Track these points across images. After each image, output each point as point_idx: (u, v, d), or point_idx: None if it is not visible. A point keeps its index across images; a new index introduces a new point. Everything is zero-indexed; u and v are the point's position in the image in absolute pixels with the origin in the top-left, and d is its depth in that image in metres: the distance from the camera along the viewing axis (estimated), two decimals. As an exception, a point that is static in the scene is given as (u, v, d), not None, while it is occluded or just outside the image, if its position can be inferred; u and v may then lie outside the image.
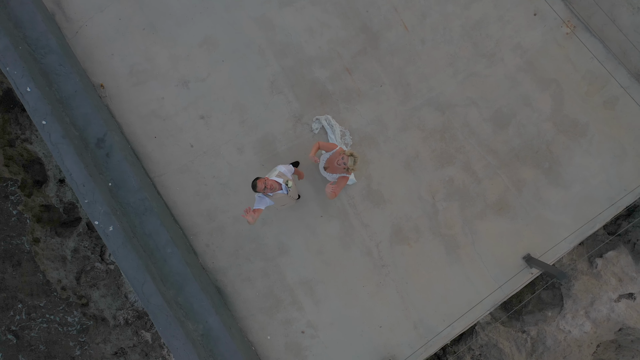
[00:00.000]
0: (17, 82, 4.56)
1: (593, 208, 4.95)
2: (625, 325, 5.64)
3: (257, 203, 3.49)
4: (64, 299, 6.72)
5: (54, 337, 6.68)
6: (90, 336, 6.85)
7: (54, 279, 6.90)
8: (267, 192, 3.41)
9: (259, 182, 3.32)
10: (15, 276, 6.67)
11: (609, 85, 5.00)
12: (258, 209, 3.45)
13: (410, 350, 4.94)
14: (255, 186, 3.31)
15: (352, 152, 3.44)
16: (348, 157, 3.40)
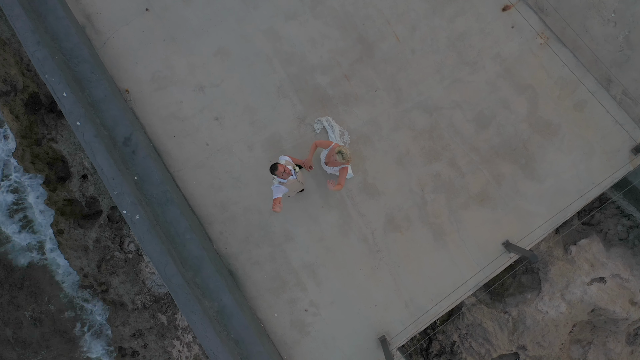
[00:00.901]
0: (55, 88, 5.17)
1: (564, 199, 5.55)
2: (597, 306, 6.23)
3: (276, 193, 4.01)
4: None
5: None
6: (110, 319, 7.46)
7: (76, 267, 7.51)
8: (285, 176, 3.95)
9: (280, 167, 3.84)
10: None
11: (578, 90, 5.61)
12: (278, 198, 3.99)
13: (402, 327, 5.53)
14: (276, 169, 3.82)
15: (340, 149, 4.01)
16: (338, 154, 3.97)
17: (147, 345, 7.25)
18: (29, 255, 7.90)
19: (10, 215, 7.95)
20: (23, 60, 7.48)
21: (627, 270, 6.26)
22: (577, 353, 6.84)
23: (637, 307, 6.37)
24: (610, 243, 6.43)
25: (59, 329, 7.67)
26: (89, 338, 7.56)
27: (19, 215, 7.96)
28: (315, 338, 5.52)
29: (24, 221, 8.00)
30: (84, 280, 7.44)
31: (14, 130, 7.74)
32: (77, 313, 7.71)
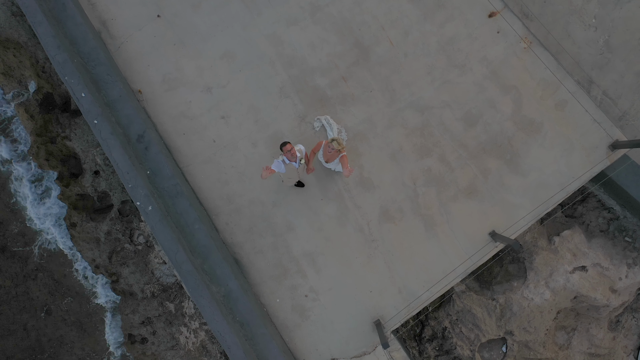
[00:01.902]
0: (74, 89, 5.60)
1: (546, 192, 5.96)
2: (579, 293, 6.63)
3: (274, 166, 4.33)
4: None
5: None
6: (120, 308, 7.85)
7: (88, 258, 7.91)
8: (289, 156, 4.30)
9: (289, 145, 4.21)
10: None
11: (559, 91, 6.03)
12: (272, 170, 4.26)
13: (395, 311, 5.93)
14: (284, 145, 4.19)
15: (332, 139, 4.41)
16: (331, 143, 4.38)
17: (155, 332, 7.65)
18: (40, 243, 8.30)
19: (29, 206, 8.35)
20: (39, 62, 7.89)
21: (607, 259, 6.67)
22: (562, 339, 7.24)
23: (617, 294, 6.77)
24: (592, 234, 6.84)
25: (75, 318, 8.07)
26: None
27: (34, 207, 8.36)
28: (315, 322, 5.92)
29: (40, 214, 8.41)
30: (96, 270, 7.85)
31: (29, 129, 8.15)
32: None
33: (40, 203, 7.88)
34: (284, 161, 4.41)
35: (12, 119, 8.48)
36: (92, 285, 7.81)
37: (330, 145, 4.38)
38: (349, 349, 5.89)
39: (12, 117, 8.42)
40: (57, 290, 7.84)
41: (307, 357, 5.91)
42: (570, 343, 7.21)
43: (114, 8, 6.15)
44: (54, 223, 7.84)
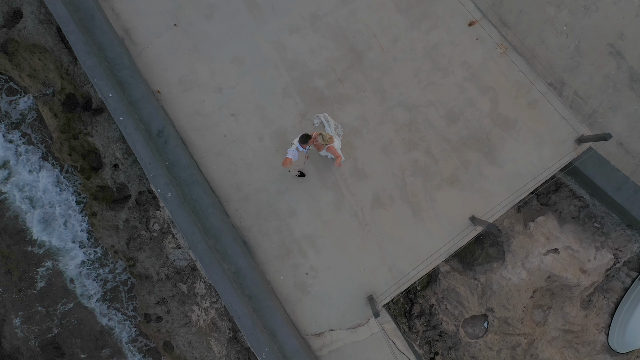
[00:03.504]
0: (102, 89, 6.36)
1: (520, 181, 6.71)
2: (552, 273, 7.36)
3: (290, 154, 5.11)
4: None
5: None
6: (137, 290, 8.60)
7: (107, 244, 8.66)
8: (307, 146, 5.06)
9: (314, 134, 5.09)
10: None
11: (532, 91, 6.78)
12: (290, 159, 5.08)
13: (386, 287, 6.67)
14: (309, 137, 5.01)
15: (319, 133, 5.19)
16: (317, 137, 5.18)
17: (169, 311, 8.38)
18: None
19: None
20: (63, 65, 8.64)
21: (577, 243, 7.40)
22: (539, 316, 7.97)
23: (586, 274, 7.50)
24: (564, 220, 7.57)
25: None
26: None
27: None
28: (314, 297, 6.66)
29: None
30: (115, 255, 8.59)
31: (52, 126, 8.91)
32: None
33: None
34: (297, 149, 5.18)
35: (34, 116, 9.25)
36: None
37: (316, 139, 5.16)
38: (345, 321, 6.62)
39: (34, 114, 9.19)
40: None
41: (308, 328, 6.65)
42: (546, 320, 7.94)
43: (136, 18, 6.91)
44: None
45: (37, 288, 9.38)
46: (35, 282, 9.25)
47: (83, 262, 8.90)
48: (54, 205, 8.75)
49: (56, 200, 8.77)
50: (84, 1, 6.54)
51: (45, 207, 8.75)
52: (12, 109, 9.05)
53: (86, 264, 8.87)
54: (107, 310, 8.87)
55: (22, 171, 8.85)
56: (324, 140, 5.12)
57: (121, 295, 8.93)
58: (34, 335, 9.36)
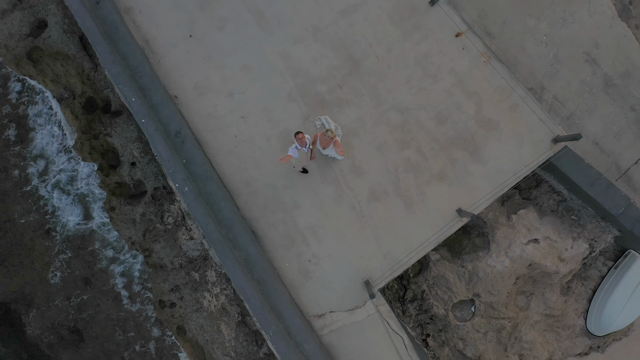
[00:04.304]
0: (126, 95, 7.08)
1: (502, 177, 7.42)
2: (532, 261, 8.06)
3: (290, 151, 5.72)
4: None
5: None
6: (152, 278, 9.32)
7: (125, 236, 9.38)
8: (300, 143, 5.66)
9: (301, 134, 5.57)
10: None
11: (512, 96, 7.50)
12: (290, 155, 5.69)
13: (381, 273, 7.38)
14: (298, 133, 5.57)
15: (327, 129, 5.84)
16: (326, 133, 5.84)
17: (182, 298, 9.08)
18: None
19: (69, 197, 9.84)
20: (84, 71, 9.37)
21: (555, 233, 8.11)
22: (522, 302, 8.67)
23: (564, 262, 8.21)
24: (544, 213, 8.28)
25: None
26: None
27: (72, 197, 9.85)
28: (316, 282, 7.37)
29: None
30: (131, 247, 9.31)
31: (74, 126, 9.63)
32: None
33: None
34: (297, 147, 5.87)
35: (58, 118, 9.99)
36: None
37: (326, 135, 5.86)
38: (344, 304, 7.33)
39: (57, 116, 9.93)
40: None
41: (310, 310, 7.36)
42: (529, 305, 8.65)
43: (155, 29, 7.63)
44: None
45: (57, 278, 10.11)
46: (56, 273, 9.98)
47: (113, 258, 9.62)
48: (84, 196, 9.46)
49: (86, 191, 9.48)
50: (109, 15, 7.27)
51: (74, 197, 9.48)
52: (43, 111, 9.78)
53: (114, 260, 9.59)
54: (127, 298, 9.59)
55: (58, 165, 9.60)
56: (332, 134, 5.77)
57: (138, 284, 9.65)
58: (55, 322, 10.08)
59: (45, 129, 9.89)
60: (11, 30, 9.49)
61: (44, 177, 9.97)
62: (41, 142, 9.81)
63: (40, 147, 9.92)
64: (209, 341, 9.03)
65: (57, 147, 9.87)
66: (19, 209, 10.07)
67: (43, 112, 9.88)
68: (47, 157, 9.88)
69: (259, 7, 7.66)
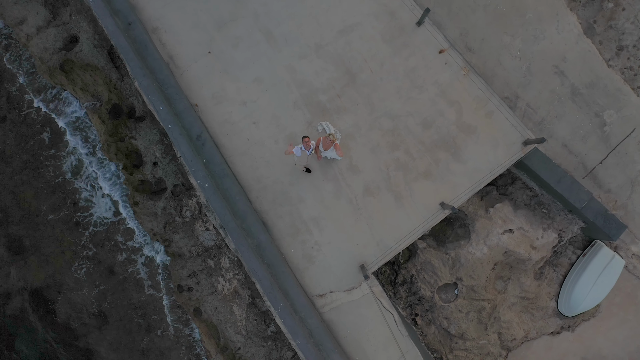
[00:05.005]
0: (154, 104, 8.23)
1: (479, 175, 8.55)
2: (508, 249, 9.18)
3: (295, 150, 6.81)
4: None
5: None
6: (172, 265, 10.45)
7: (147, 228, 10.51)
8: (305, 146, 6.80)
9: (307, 138, 6.66)
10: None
11: (489, 104, 8.63)
12: (292, 151, 6.76)
13: (374, 258, 8.49)
14: (304, 137, 6.63)
15: (329, 133, 6.97)
16: (328, 137, 6.96)
17: (199, 282, 10.21)
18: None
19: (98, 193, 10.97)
20: (111, 81, 10.52)
21: (528, 225, 9.24)
22: (500, 285, 9.79)
23: (536, 250, 9.33)
24: (518, 207, 9.41)
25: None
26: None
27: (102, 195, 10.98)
28: (318, 266, 8.48)
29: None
30: (153, 237, 10.44)
31: (100, 130, 10.77)
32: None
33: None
34: (301, 148, 7.01)
35: (86, 123, 11.14)
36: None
37: (328, 138, 7.01)
38: (342, 285, 8.44)
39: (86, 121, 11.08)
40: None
41: (313, 290, 8.48)
42: (506, 289, 9.77)
43: (178, 47, 8.78)
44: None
45: (84, 267, 11.24)
46: (83, 262, 11.11)
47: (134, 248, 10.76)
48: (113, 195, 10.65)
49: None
50: (139, 35, 8.41)
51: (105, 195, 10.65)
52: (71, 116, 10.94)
53: (137, 250, 10.72)
54: (148, 285, 10.71)
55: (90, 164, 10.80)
56: (334, 137, 6.91)
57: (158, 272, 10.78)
58: (81, 306, 11.21)
59: (75, 133, 11.03)
60: (46, 44, 10.65)
61: (74, 175, 11.10)
62: (71, 145, 10.95)
63: (70, 149, 11.05)
64: (222, 321, 10.16)
65: (85, 149, 11.02)
66: (50, 204, 11.19)
67: (73, 117, 11.02)
68: (76, 157, 11.02)
69: (268, 27, 8.81)
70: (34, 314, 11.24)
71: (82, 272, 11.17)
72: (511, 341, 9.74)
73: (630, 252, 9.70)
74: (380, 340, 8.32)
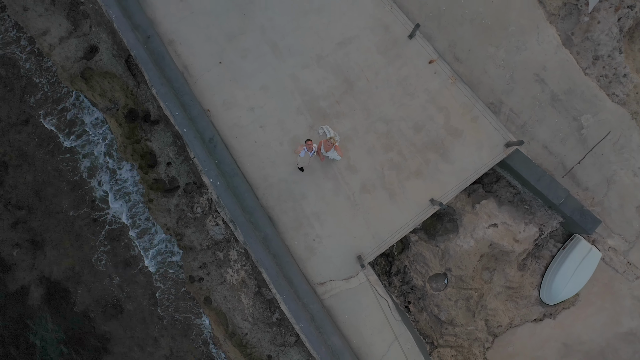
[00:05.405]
0: (171, 109, 9.09)
1: (466, 174, 9.41)
2: (492, 242, 10.03)
3: (302, 153, 7.76)
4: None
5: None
6: (184, 257, 11.30)
7: (161, 223, 11.37)
8: (308, 148, 7.72)
9: (309, 141, 7.64)
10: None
11: (474, 110, 9.51)
12: (299, 152, 7.79)
13: (370, 249, 9.35)
14: (307, 140, 7.61)
15: (330, 137, 7.85)
16: (329, 140, 7.85)
17: (209, 273, 11.05)
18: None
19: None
20: (128, 87, 11.39)
21: (511, 219, 10.10)
22: (486, 276, 10.65)
23: (518, 243, 10.19)
24: (502, 203, 10.27)
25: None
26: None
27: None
28: (319, 256, 9.33)
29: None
30: (167, 232, 11.30)
31: (117, 133, 11.64)
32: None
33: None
34: (305, 150, 7.90)
35: (103, 125, 12.02)
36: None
37: (329, 141, 7.88)
38: (341, 274, 9.29)
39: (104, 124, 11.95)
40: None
41: (314, 279, 9.33)
42: (492, 279, 10.62)
43: (192, 57, 9.66)
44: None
45: (102, 260, 12.10)
46: (101, 256, 11.97)
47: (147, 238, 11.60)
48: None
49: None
50: (157, 47, 9.28)
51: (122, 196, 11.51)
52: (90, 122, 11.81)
53: (151, 243, 11.56)
54: (161, 275, 11.57)
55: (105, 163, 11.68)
56: (334, 141, 7.82)
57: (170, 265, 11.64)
58: (99, 296, 12.07)
59: (93, 135, 11.90)
60: (67, 54, 11.53)
61: (92, 175, 11.97)
62: (90, 146, 11.82)
63: (89, 150, 11.93)
64: (230, 309, 11.01)
65: (103, 150, 11.89)
66: (70, 202, 12.06)
67: (91, 121, 11.89)
68: (94, 158, 11.89)
69: (274, 40, 9.69)
70: (54, 304, 12.09)
71: (102, 264, 12.02)
72: (497, 327, 10.59)
73: (607, 245, 10.55)
74: (375, 324, 9.16)
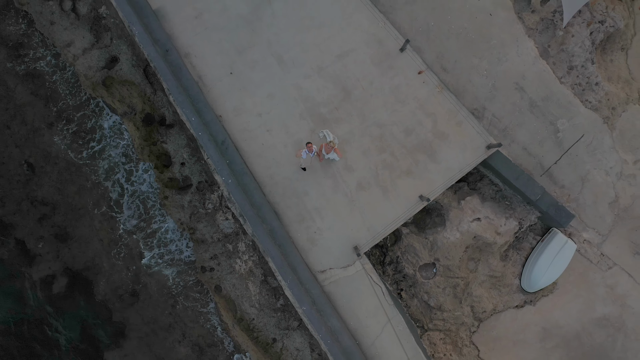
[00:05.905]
0: (187, 115, 10.19)
1: (451, 173, 10.49)
2: (476, 234, 11.10)
3: (303, 154, 8.81)
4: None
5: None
6: (196, 249, 12.38)
7: (175, 218, 12.45)
8: (309, 150, 8.82)
9: (310, 144, 8.68)
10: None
11: (458, 115, 10.60)
12: (301, 155, 8.83)
13: (365, 241, 10.41)
14: (307, 143, 8.65)
15: (330, 141, 8.93)
16: (329, 143, 8.94)
17: (219, 264, 12.11)
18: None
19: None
20: (146, 94, 12.48)
21: (493, 214, 11.17)
22: (472, 266, 11.71)
23: (500, 235, 11.26)
24: (485, 199, 11.34)
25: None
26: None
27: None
28: (320, 247, 10.40)
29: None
30: (180, 226, 12.38)
31: (134, 135, 12.73)
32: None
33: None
34: (306, 152, 8.98)
35: (122, 129, 13.11)
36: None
37: (329, 144, 8.97)
38: (340, 262, 10.36)
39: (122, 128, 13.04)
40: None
41: (316, 267, 10.41)
42: (477, 268, 11.69)
43: (206, 68, 10.76)
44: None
45: (120, 253, 13.18)
46: (119, 248, 13.04)
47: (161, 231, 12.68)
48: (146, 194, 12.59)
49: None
50: (175, 59, 10.38)
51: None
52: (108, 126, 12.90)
53: (165, 236, 12.64)
54: (175, 265, 12.64)
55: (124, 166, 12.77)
56: (333, 144, 8.91)
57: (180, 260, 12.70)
58: (117, 286, 13.14)
59: (112, 138, 12.99)
60: (90, 63, 12.63)
61: (110, 174, 13.06)
62: (109, 148, 12.91)
63: (108, 152, 13.02)
64: (239, 296, 12.07)
65: (121, 151, 12.98)
66: (90, 199, 13.14)
67: (111, 125, 12.98)
68: (113, 159, 12.98)
69: (279, 53, 10.79)
70: (76, 293, 13.17)
71: (118, 256, 13.10)
72: (482, 313, 11.65)
73: (582, 238, 11.62)
74: (370, 308, 10.23)
